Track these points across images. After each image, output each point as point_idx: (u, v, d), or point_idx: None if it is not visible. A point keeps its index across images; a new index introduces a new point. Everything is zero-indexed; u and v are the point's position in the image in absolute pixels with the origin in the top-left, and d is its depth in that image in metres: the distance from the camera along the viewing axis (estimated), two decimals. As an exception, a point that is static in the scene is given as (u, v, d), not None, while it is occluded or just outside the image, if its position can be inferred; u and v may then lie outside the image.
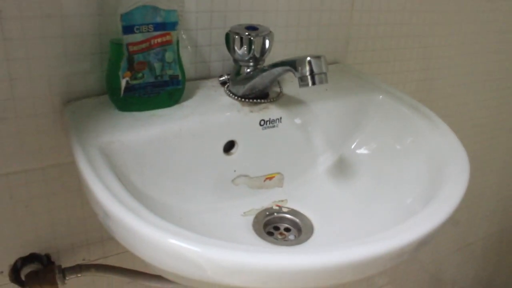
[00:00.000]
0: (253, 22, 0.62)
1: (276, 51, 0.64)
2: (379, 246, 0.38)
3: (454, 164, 0.52)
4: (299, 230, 0.59)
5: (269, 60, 0.57)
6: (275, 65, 0.51)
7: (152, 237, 0.36)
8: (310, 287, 0.38)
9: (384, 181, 0.61)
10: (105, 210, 0.39)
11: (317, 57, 0.47)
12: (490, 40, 0.99)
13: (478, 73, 1.03)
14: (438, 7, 0.85)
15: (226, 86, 0.61)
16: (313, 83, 0.47)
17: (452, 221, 1.27)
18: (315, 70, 0.47)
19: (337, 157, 0.65)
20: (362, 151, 0.64)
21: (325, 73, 0.47)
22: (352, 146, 0.65)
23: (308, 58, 0.47)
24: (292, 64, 0.48)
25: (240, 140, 0.57)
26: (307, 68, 0.47)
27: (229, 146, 0.57)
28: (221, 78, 0.62)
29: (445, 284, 1.44)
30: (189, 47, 0.61)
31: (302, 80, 0.47)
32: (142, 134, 0.50)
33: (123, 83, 0.51)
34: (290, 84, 0.64)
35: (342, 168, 0.64)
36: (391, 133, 0.63)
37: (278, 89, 0.62)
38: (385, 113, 0.65)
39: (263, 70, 0.53)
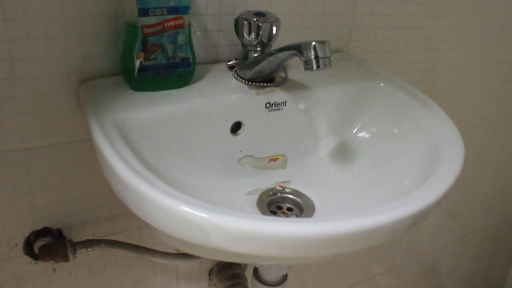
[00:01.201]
0: (261, 9, 0.64)
1: (282, 38, 0.66)
2: (373, 219, 0.41)
3: (449, 148, 0.55)
4: (301, 209, 0.62)
5: (275, 46, 0.60)
6: (281, 49, 0.54)
7: (165, 204, 0.38)
8: (309, 255, 0.40)
9: (383, 164, 0.63)
10: (122, 179, 0.42)
11: (322, 42, 0.49)
12: (493, 33, 1.02)
13: (480, 66, 1.05)
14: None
15: (234, 70, 0.63)
16: (318, 67, 0.50)
17: (450, 214, 1.29)
18: (320, 54, 0.49)
19: (339, 141, 0.67)
20: (363, 135, 0.67)
21: (328, 58, 0.50)
22: (354, 131, 0.68)
23: (313, 43, 0.49)
24: (298, 48, 0.51)
25: (247, 122, 0.59)
26: (312, 52, 0.49)
27: (236, 127, 0.60)
28: (229, 63, 0.64)
29: (441, 275, 1.47)
30: (198, 32, 0.63)
31: (307, 64, 0.50)
32: (154, 112, 0.53)
33: (137, 63, 0.54)
34: (295, 70, 0.67)
35: (343, 151, 0.67)
36: (390, 119, 0.66)
37: (283, 74, 0.64)
38: (385, 100, 0.67)
39: (270, 54, 0.55)
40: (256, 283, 0.68)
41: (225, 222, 0.37)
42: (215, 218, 0.38)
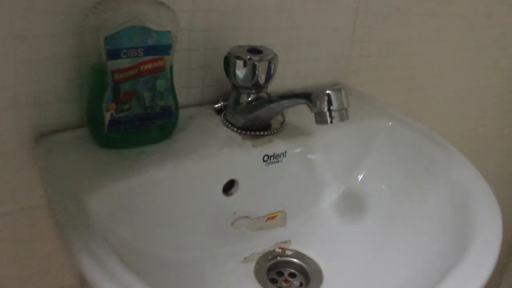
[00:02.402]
0: (252, 42, 0.55)
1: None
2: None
3: (479, 202, 0.47)
4: (305, 275, 0.53)
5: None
6: (286, 96, 0.44)
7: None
8: None
9: (396, 218, 0.55)
10: (85, 277, 0.31)
11: (337, 90, 0.41)
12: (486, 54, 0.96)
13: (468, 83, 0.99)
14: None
15: (222, 115, 0.54)
16: (331, 121, 0.41)
17: None
18: (335, 105, 0.40)
19: (343, 191, 0.59)
20: (370, 184, 0.59)
21: (346, 109, 0.41)
22: (359, 178, 0.59)
23: (327, 91, 0.40)
24: (308, 97, 0.42)
25: (241, 179, 0.50)
26: (326, 103, 0.41)
27: (229, 186, 0.50)
28: (217, 105, 0.55)
29: None
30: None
31: (320, 117, 0.41)
32: (131, 178, 0.42)
33: (107, 116, 0.43)
34: (291, 111, 0.58)
35: (348, 203, 0.58)
36: (401, 164, 0.58)
37: (281, 118, 0.55)
38: (394, 142, 0.59)
39: (271, 101, 0.46)
40: None
41: None
42: None
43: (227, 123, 0.52)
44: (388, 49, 0.74)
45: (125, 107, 0.44)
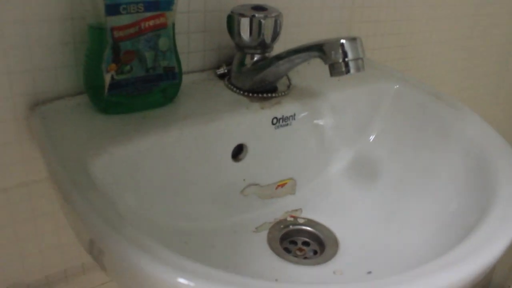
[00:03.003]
0: (256, 1, 0.53)
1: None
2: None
3: (497, 158, 0.45)
4: (320, 243, 0.51)
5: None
6: (296, 51, 0.42)
7: (158, 276, 0.26)
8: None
9: (408, 181, 0.53)
10: (99, 245, 0.29)
11: (352, 39, 0.38)
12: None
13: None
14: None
15: (226, 79, 0.51)
16: (348, 71, 0.39)
17: None
18: (350, 55, 0.38)
19: (354, 154, 0.57)
20: (380, 148, 0.57)
21: (361, 59, 0.39)
22: (370, 141, 0.57)
23: (342, 41, 0.38)
24: (320, 49, 0.39)
25: (250, 143, 0.48)
26: (341, 52, 0.38)
27: (237, 151, 0.48)
28: (219, 70, 0.52)
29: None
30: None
31: (335, 68, 0.39)
32: (136, 142, 0.40)
33: (108, 78, 0.40)
34: (297, 75, 0.56)
35: (359, 167, 0.56)
36: (411, 126, 0.56)
37: (287, 81, 0.53)
38: (403, 104, 0.57)
39: (279, 58, 0.44)
40: None
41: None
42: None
43: (232, 87, 0.50)
44: (388, 14, 0.72)
45: (126, 68, 0.41)
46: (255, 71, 0.47)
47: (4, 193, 0.46)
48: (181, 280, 0.26)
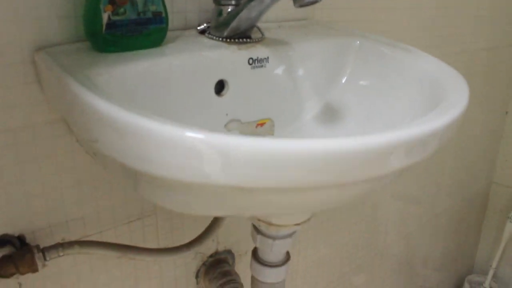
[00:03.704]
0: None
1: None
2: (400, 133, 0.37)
3: (448, 82, 0.53)
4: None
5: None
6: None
7: (170, 133, 0.32)
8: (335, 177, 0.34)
9: (375, 117, 0.60)
10: (111, 118, 0.34)
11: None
12: None
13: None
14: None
15: (206, 33, 0.58)
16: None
17: (414, 200, 1.29)
18: (309, -16, 0.46)
19: (325, 101, 0.64)
20: (349, 93, 0.64)
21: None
22: (339, 88, 0.64)
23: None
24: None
25: (231, 79, 0.54)
26: (301, -17, 0.46)
27: (220, 88, 0.54)
28: (200, 27, 0.59)
29: (416, 264, 1.46)
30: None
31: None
32: (131, 67, 0.46)
33: (105, 17, 0.47)
34: (268, 33, 0.63)
35: (331, 111, 0.63)
36: (374, 72, 0.63)
37: (259, 34, 0.60)
38: (365, 55, 0.65)
39: (251, 0, 0.51)
40: (257, 266, 0.61)
41: (249, 143, 0.31)
42: (233, 140, 0.31)
43: (211, 37, 0.57)
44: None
45: (120, 10, 0.48)
46: (231, 18, 0.54)
47: (10, 134, 0.51)
48: (189, 134, 0.31)
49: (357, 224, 1.11)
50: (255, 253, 0.62)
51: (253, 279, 0.63)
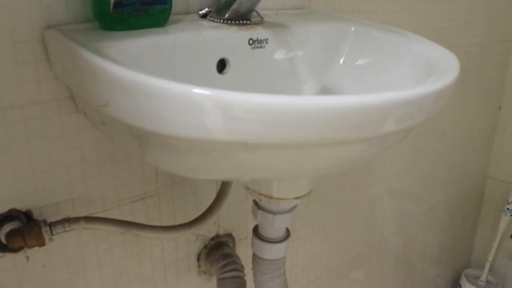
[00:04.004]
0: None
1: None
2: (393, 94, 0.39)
3: (440, 60, 0.55)
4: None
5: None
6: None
7: (178, 90, 0.34)
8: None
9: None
10: (122, 79, 0.36)
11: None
12: None
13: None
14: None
15: (208, 17, 0.60)
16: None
17: (410, 196, 1.31)
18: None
19: (322, 83, 0.66)
20: (346, 74, 0.66)
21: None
22: (335, 71, 0.67)
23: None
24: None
25: (232, 58, 0.56)
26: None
27: (221, 66, 0.56)
28: (202, 11, 0.61)
29: (412, 259, 1.47)
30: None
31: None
32: (138, 42, 0.48)
33: (112, -5, 0.49)
34: (267, 18, 0.65)
35: (328, 93, 0.65)
36: (370, 54, 0.65)
37: (258, 18, 0.62)
38: (360, 39, 0.67)
39: (251, -19, 0.53)
40: (258, 243, 0.62)
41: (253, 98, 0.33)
42: (238, 96, 0.33)
43: (213, 20, 0.59)
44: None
45: (126, -11, 0.50)
46: (232, 1, 0.56)
47: (19, 110, 0.53)
48: (196, 90, 0.33)
49: (355, 221, 1.13)
50: (255, 230, 0.64)
51: (254, 257, 0.65)
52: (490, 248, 1.62)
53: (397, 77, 0.59)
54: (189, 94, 0.33)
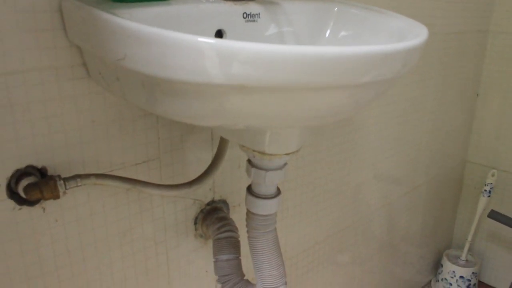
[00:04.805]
0: None
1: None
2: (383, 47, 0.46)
3: (412, 30, 0.62)
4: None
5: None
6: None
7: (186, 40, 0.40)
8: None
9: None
10: (139, 33, 0.42)
11: None
12: None
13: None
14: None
15: (206, -5, 0.67)
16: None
17: (394, 180, 1.39)
18: None
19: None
20: (330, 45, 0.73)
21: None
22: (321, 44, 0.74)
23: None
24: None
25: (228, 30, 0.63)
26: None
27: (219, 37, 0.63)
28: (200, -10, 0.68)
29: (396, 240, 1.55)
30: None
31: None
32: (147, 10, 0.55)
33: (122, -30, 0.56)
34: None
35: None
36: (352, 29, 0.73)
37: (252, -4, 0.69)
38: (343, 16, 0.74)
39: (245, -41, 0.60)
40: (251, 199, 0.69)
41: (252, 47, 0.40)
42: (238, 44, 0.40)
43: (211, -4, 0.66)
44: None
45: (134, -35, 0.57)
46: (228, -22, 0.63)
47: (37, 73, 0.59)
48: (201, 39, 0.40)
49: (340, 203, 1.20)
50: (249, 188, 0.70)
51: (248, 213, 0.72)
52: (470, 229, 1.71)
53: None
54: (195, 42, 0.40)
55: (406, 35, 0.62)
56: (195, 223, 0.84)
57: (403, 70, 0.51)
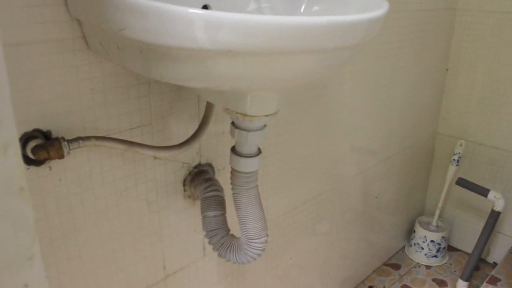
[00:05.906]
0: None
1: None
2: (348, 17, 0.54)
3: (376, 4, 0.71)
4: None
5: None
6: None
7: (180, 10, 0.48)
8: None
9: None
10: (139, 5, 0.49)
11: None
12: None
13: None
14: None
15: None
16: None
17: (370, 153, 1.49)
18: None
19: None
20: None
21: None
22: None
23: None
24: None
25: (213, 5, 0.70)
26: None
27: (204, 11, 0.70)
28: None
29: (373, 196, 1.66)
30: None
31: None
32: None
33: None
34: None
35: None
36: (324, 4, 0.81)
37: (234, -26, 0.76)
38: None
39: None
40: (235, 158, 0.77)
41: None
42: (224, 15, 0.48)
43: (197, -26, 0.73)
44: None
45: None
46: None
47: (43, 45, 0.65)
48: (191, 10, 0.47)
49: (318, 173, 1.30)
50: (233, 149, 0.79)
51: (232, 172, 0.80)
52: (440, 196, 1.83)
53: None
54: (187, 13, 0.48)
55: (371, 8, 0.70)
56: (184, 185, 0.93)
57: (365, 38, 0.59)
